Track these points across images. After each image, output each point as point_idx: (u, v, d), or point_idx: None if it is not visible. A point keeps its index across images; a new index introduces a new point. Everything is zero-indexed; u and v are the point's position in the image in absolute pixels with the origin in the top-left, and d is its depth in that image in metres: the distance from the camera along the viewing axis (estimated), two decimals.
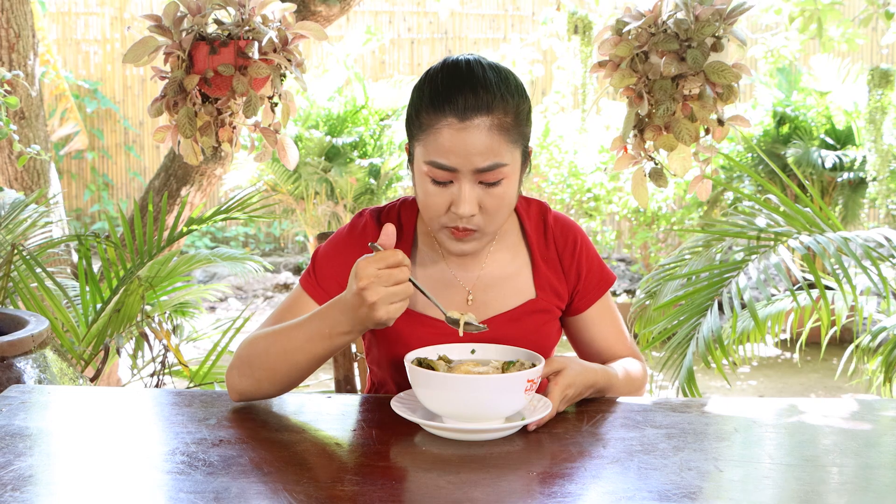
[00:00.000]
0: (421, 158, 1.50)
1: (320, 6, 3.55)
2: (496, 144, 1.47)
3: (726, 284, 2.50)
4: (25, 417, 1.45)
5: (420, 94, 1.52)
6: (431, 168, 1.48)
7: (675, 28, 1.92)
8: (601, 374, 1.58)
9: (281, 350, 1.48)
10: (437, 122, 1.47)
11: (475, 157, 1.46)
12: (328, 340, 1.44)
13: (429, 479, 1.25)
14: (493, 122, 1.46)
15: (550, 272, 1.69)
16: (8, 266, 2.68)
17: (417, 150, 1.52)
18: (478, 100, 1.46)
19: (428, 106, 1.48)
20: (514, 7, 8.80)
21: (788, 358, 5.73)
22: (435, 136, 1.47)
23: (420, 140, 1.50)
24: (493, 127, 1.46)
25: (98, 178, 8.78)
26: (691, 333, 2.53)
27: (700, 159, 2.04)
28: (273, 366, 1.49)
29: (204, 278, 7.44)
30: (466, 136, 1.45)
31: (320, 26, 2.05)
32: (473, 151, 1.45)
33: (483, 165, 1.47)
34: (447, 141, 1.46)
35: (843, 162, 6.02)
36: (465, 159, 1.46)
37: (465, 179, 1.48)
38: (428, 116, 1.48)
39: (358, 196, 6.22)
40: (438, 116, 1.47)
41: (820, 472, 1.29)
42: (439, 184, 1.49)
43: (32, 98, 3.72)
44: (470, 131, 1.45)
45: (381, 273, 1.34)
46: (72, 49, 8.76)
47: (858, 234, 2.49)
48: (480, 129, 1.46)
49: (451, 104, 1.46)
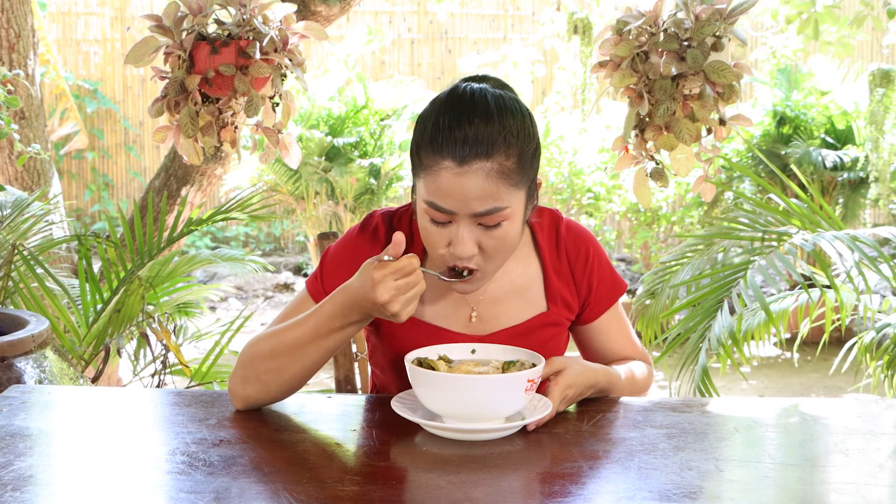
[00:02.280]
0: (421, 195, 1.48)
1: (320, 6, 3.55)
2: (495, 189, 1.42)
3: (735, 284, 2.50)
4: (26, 418, 1.45)
5: (423, 128, 1.47)
6: (430, 208, 1.46)
7: (675, 28, 1.92)
8: (602, 374, 1.57)
9: (288, 348, 1.47)
10: (436, 163, 1.43)
11: (473, 202, 1.42)
12: (340, 332, 1.45)
13: (429, 479, 1.25)
14: (492, 166, 1.42)
15: (562, 284, 1.66)
16: (8, 266, 2.68)
17: (418, 185, 1.49)
18: (478, 145, 1.41)
19: (428, 145, 1.44)
20: (515, 7, 8.80)
21: (788, 358, 5.73)
22: (433, 177, 1.43)
23: (420, 177, 1.47)
24: (492, 172, 1.42)
25: (98, 178, 8.79)
26: (703, 334, 2.53)
27: (702, 159, 2.04)
28: (280, 365, 1.48)
29: (204, 278, 7.44)
30: (464, 182, 1.41)
31: (321, 26, 2.06)
32: (471, 196, 1.42)
33: (481, 210, 1.43)
34: (445, 184, 1.42)
35: (843, 162, 6.02)
36: (462, 203, 1.43)
37: (463, 222, 1.45)
38: (427, 156, 1.44)
39: (358, 196, 6.22)
40: (437, 158, 1.43)
41: (820, 472, 1.29)
42: (438, 224, 1.47)
43: (32, 98, 3.72)
44: (468, 176, 1.41)
45: (400, 284, 1.37)
46: (72, 49, 8.76)
47: (864, 232, 2.50)
48: (479, 173, 1.41)
49: (449, 148, 1.42)
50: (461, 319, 1.63)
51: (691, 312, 2.60)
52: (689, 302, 2.61)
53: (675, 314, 2.69)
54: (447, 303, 1.63)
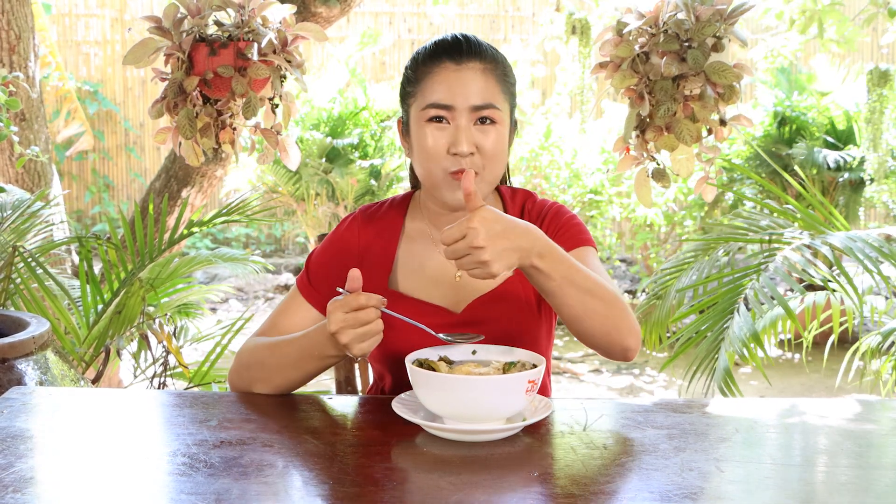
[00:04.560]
0: (419, 109, 1.60)
1: (320, 7, 3.55)
2: (490, 86, 1.58)
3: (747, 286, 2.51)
4: (26, 419, 1.45)
5: (414, 60, 1.65)
6: (429, 110, 1.57)
7: (675, 28, 1.92)
8: (542, 237, 1.41)
9: (276, 364, 1.59)
10: (434, 67, 1.59)
11: (471, 95, 1.56)
12: (318, 361, 1.54)
13: (430, 480, 1.25)
14: (485, 66, 1.58)
15: None
16: (9, 268, 2.68)
17: (414, 106, 1.61)
18: (470, 47, 1.59)
19: (424, 60, 1.61)
20: (515, 8, 8.80)
21: (790, 358, 5.73)
22: (431, 80, 1.58)
23: (416, 94, 1.61)
24: (486, 70, 1.58)
25: (99, 179, 8.79)
26: (720, 336, 2.52)
27: (703, 160, 2.04)
28: (269, 376, 1.60)
29: (205, 279, 7.44)
30: (462, 75, 1.57)
31: (320, 27, 2.06)
32: (469, 89, 1.56)
33: (479, 102, 1.56)
34: (444, 81, 1.57)
35: (844, 162, 6.02)
36: (461, 97, 1.56)
37: (462, 117, 1.56)
38: (424, 66, 1.60)
39: (358, 197, 6.21)
40: (434, 63, 1.59)
41: (821, 472, 1.29)
42: (438, 122, 1.57)
43: (33, 100, 3.72)
44: (465, 72, 1.57)
45: (348, 317, 1.41)
46: (72, 51, 8.76)
47: (869, 234, 2.49)
48: (475, 70, 1.58)
49: (446, 51, 1.59)
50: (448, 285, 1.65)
51: (703, 315, 2.60)
52: (700, 305, 2.61)
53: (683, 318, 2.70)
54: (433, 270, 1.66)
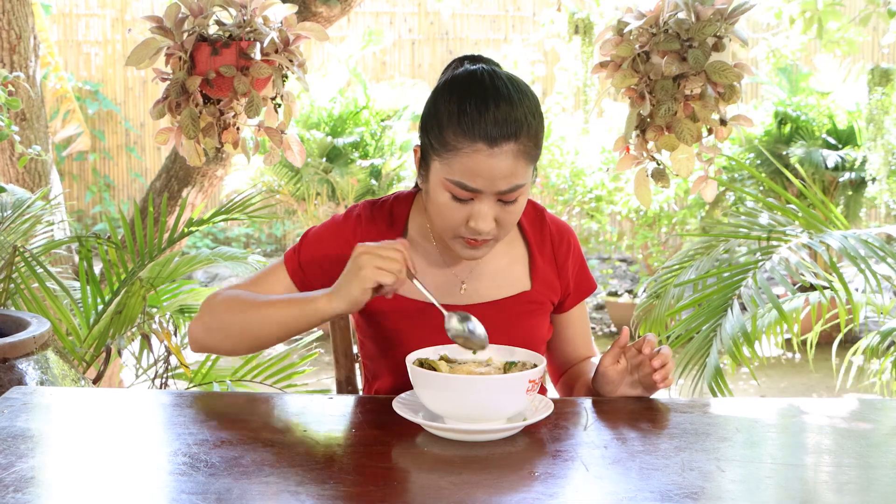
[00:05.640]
0: (442, 174, 1.52)
1: (321, 7, 3.55)
2: (519, 168, 1.50)
3: (741, 284, 2.50)
4: (27, 419, 1.45)
5: (447, 109, 1.51)
6: (454, 187, 1.50)
7: (676, 28, 1.92)
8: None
9: (261, 319, 1.55)
10: (466, 146, 1.48)
11: (500, 182, 1.49)
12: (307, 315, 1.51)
13: (430, 480, 1.25)
14: (518, 147, 1.49)
15: (546, 266, 1.71)
16: (10, 268, 2.68)
17: (438, 164, 1.52)
18: (507, 127, 1.47)
19: (456, 127, 1.48)
20: (515, 8, 8.79)
21: (790, 358, 5.73)
22: (463, 159, 1.48)
23: (444, 158, 1.51)
24: (518, 153, 1.49)
25: (99, 179, 8.79)
26: (712, 334, 2.52)
27: (703, 159, 2.04)
28: (245, 330, 1.56)
29: (206, 279, 7.44)
30: (494, 163, 1.48)
31: (321, 27, 2.06)
32: (499, 176, 1.48)
33: (505, 188, 1.50)
34: (475, 166, 1.48)
35: (844, 162, 6.01)
36: (490, 183, 1.49)
37: (487, 200, 1.51)
38: (456, 138, 1.48)
39: (359, 197, 6.21)
40: (467, 141, 1.47)
41: (822, 472, 1.29)
42: (459, 201, 1.52)
43: (33, 100, 3.72)
44: (498, 158, 1.47)
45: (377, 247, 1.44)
46: (73, 51, 8.76)
47: (867, 233, 2.49)
48: (508, 155, 1.48)
49: (481, 130, 1.47)
50: (451, 293, 1.66)
51: (696, 311, 2.59)
52: (694, 301, 2.61)
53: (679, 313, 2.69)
54: (436, 276, 1.67)
